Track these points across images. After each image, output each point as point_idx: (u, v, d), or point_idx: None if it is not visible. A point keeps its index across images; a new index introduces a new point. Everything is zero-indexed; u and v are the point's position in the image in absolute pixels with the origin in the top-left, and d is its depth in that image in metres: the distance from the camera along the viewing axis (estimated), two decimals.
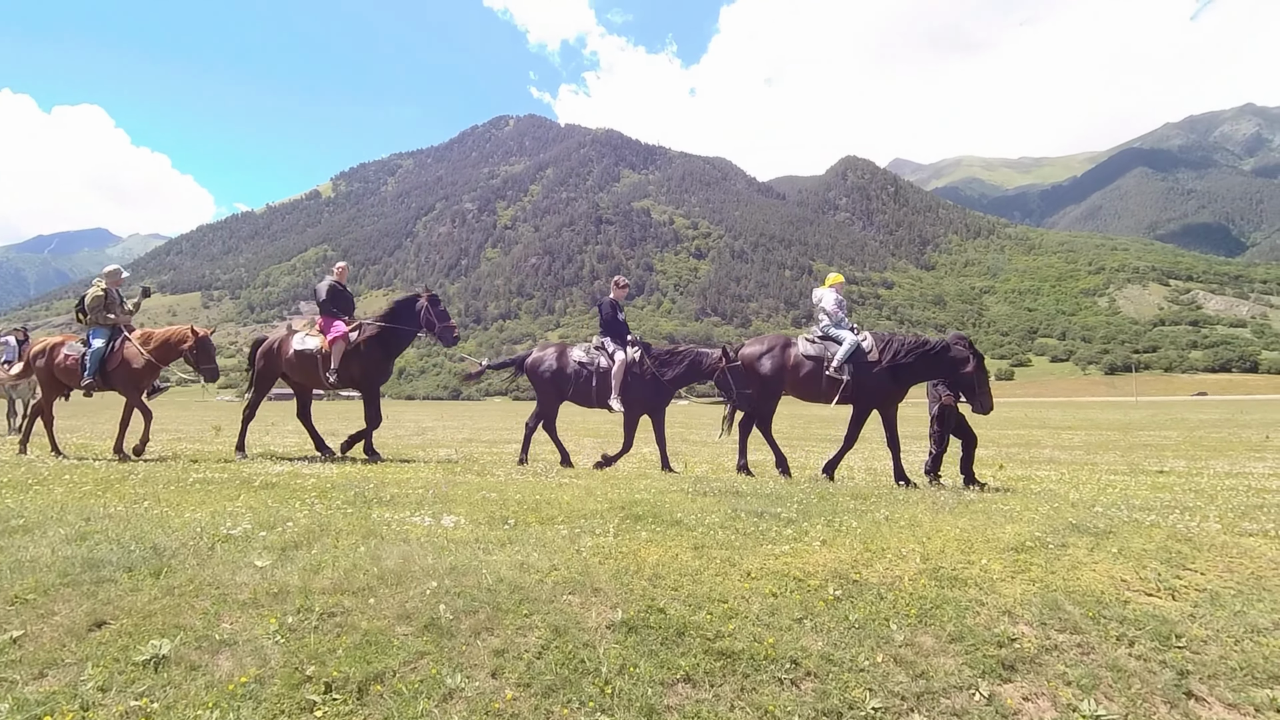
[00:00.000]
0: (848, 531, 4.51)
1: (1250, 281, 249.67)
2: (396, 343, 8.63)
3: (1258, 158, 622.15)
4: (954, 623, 3.22)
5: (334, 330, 8.52)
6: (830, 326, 8.22)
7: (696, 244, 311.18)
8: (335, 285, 8.94)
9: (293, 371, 8.79)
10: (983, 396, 7.65)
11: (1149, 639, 3.12)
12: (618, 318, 8.58)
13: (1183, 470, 10.98)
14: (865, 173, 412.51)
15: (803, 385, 8.13)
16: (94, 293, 8.60)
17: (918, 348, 7.67)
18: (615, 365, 8.20)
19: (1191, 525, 4.69)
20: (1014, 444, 19.83)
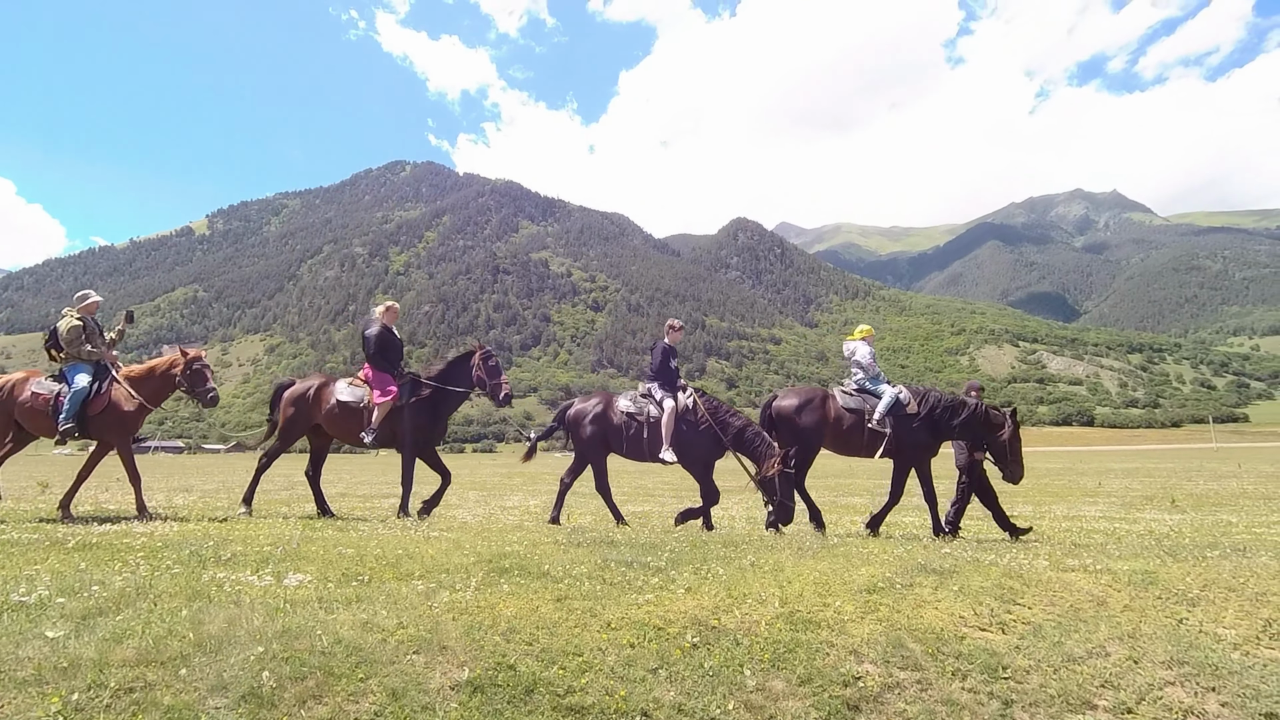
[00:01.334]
0: (713, 578, 4.53)
1: (1084, 344, 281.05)
2: (448, 403, 8.01)
3: (1087, 236, 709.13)
4: (804, 665, 3.27)
5: (385, 388, 7.75)
6: (866, 380, 8.21)
7: (594, 296, 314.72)
8: (385, 331, 8.09)
9: (331, 424, 7.94)
10: (1015, 465, 7.70)
11: (980, 672, 3.29)
12: (669, 364, 8.07)
13: (1028, 514, 11.92)
14: (755, 234, 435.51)
15: (844, 438, 8.00)
16: (69, 323, 7.47)
17: (956, 406, 7.75)
18: (665, 414, 7.67)
19: (1024, 563, 5.07)
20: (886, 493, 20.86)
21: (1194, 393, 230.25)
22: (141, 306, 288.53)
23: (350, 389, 7.90)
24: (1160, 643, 3.63)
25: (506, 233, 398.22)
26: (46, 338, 7.63)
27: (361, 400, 7.78)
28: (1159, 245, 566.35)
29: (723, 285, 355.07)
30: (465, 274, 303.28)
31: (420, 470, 8.10)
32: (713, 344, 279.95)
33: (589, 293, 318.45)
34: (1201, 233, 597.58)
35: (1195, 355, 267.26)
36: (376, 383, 7.82)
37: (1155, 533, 9.61)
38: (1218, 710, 3.16)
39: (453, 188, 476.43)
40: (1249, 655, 3.59)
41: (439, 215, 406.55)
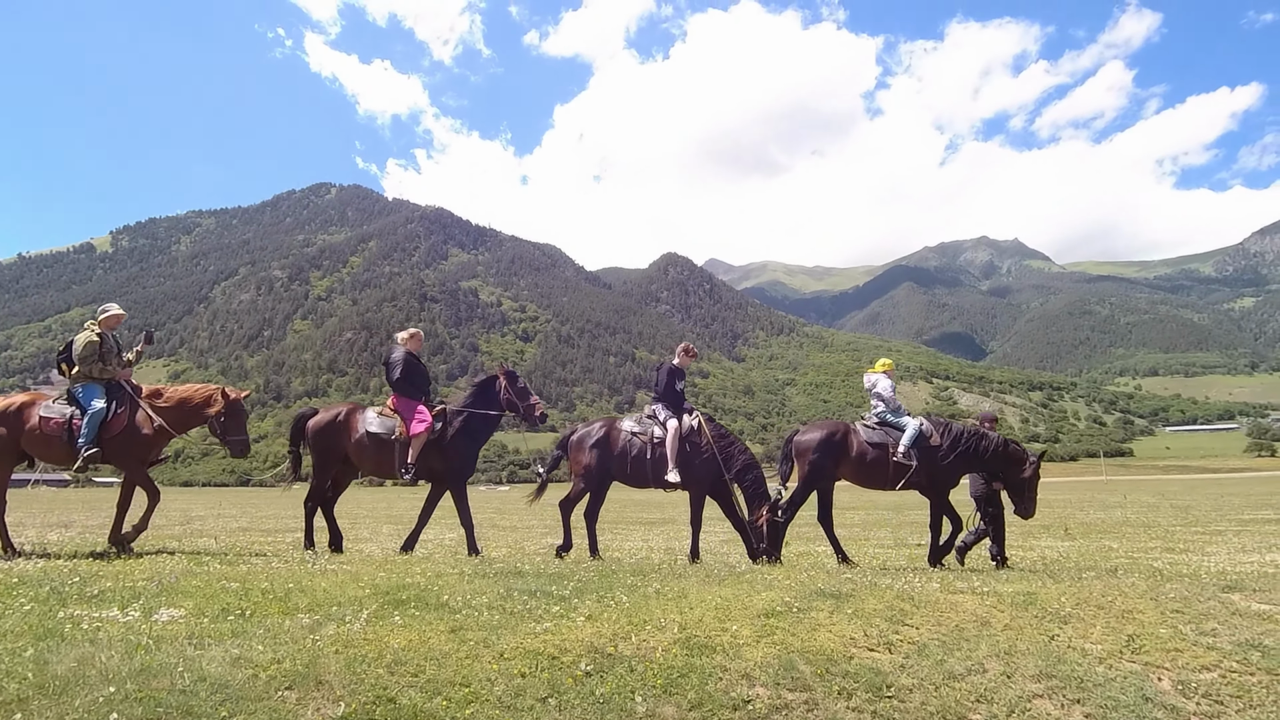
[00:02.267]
0: (616, 606, 4.50)
1: (991, 382, 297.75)
2: (482, 430, 7.55)
3: (991, 280, 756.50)
4: (697, 690, 3.27)
5: (419, 417, 7.21)
6: (887, 413, 8.22)
7: (524, 327, 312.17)
8: (411, 357, 7.64)
9: (360, 457, 7.39)
10: (1029, 502, 7.75)
11: (865, 691, 3.37)
12: (675, 386, 7.88)
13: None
14: (685, 269, 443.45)
15: (867, 472, 7.96)
16: (86, 338, 6.85)
17: (979, 439, 7.78)
18: (669, 434, 7.49)
19: (917, 586, 5.25)
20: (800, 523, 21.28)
21: (1088, 429, 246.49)
22: (29, 327, 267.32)
23: (381, 419, 7.36)
24: (1033, 658, 3.82)
25: (435, 260, 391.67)
26: (61, 351, 7.07)
27: (393, 432, 7.23)
28: (1056, 291, 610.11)
29: (653, 319, 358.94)
30: (391, 301, 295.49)
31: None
32: (642, 376, 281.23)
33: (519, 323, 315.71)
34: (1092, 280, 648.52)
35: (1088, 394, 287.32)
36: (407, 412, 7.30)
37: (1046, 558, 10.17)
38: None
39: (380, 212, 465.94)
40: (1112, 668, 3.82)
41: (365, 240, 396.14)
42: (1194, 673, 3.82)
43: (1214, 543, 13.17)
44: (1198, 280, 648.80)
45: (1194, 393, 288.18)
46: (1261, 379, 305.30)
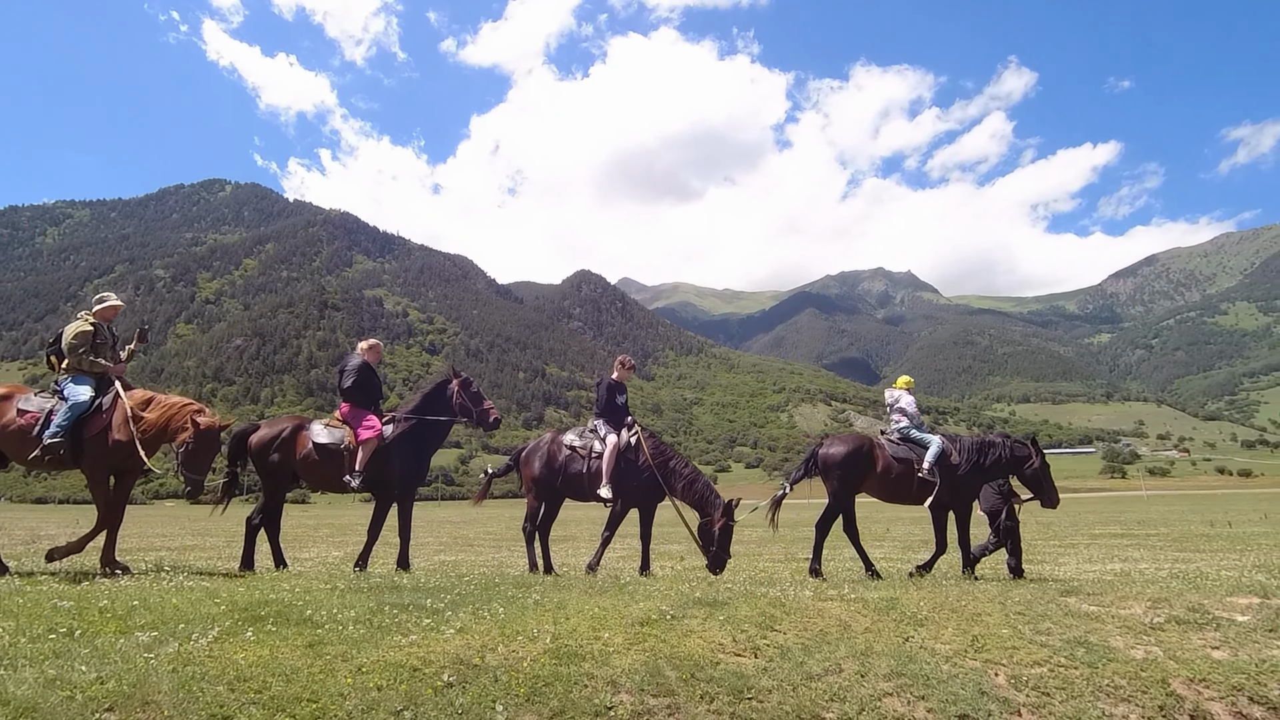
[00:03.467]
0: (490, 617, 4.41)
1: (883, 405, 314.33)
2: (433, 437, 7.29)
3: (886, 309, 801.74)
4: (560, 698, 3.25)
5: (367, 424, 6.94)
6: (910, 429, 8.31)
7: (431, 339, 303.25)
8: (366, 367, 7.39)
9: (308, 470, 7.04)
10: (1050, 492, 7.99)
11: (727, 694, 3.46)
12: (616, 401, 7.84)
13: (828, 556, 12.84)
14: (598, 287, 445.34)
15: (892, 487, 8.02)
16: (78, 327, 6.31)
17: (987, 448, 7.95)
18: (606, 449, 7.43)
19: (790, 594, 5.45)
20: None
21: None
22: None
23: (328, 430, 7.05)
24: (887, 658, 4.03)
25: (339, 266, 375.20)
26: (50, 342, 6.51)
27: (342, 442, 6.95)
28: (943, 321, 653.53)
29: (564, 335, 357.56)
30: (288, 307, 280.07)
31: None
32: (552, 393, 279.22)
33: (426, 334, 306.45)
34: (975, 313, 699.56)
35: (969, 418, 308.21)
36: (355, 421, 7.03)
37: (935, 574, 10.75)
38: (924, 715, 3.56)
39: (280, 214, 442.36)
40: (957, 666, 4.09)
41: (262, 242, 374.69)
42: (1027, 668, 4.15)
43: (1067, 554, 14.37)
44: (1064, 316, 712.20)
45: (1059, 419, 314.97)
46: (1115, 407, 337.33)
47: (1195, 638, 4.82)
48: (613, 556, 13.31)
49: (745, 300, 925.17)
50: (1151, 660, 4.34)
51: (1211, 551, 15.26)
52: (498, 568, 10.32)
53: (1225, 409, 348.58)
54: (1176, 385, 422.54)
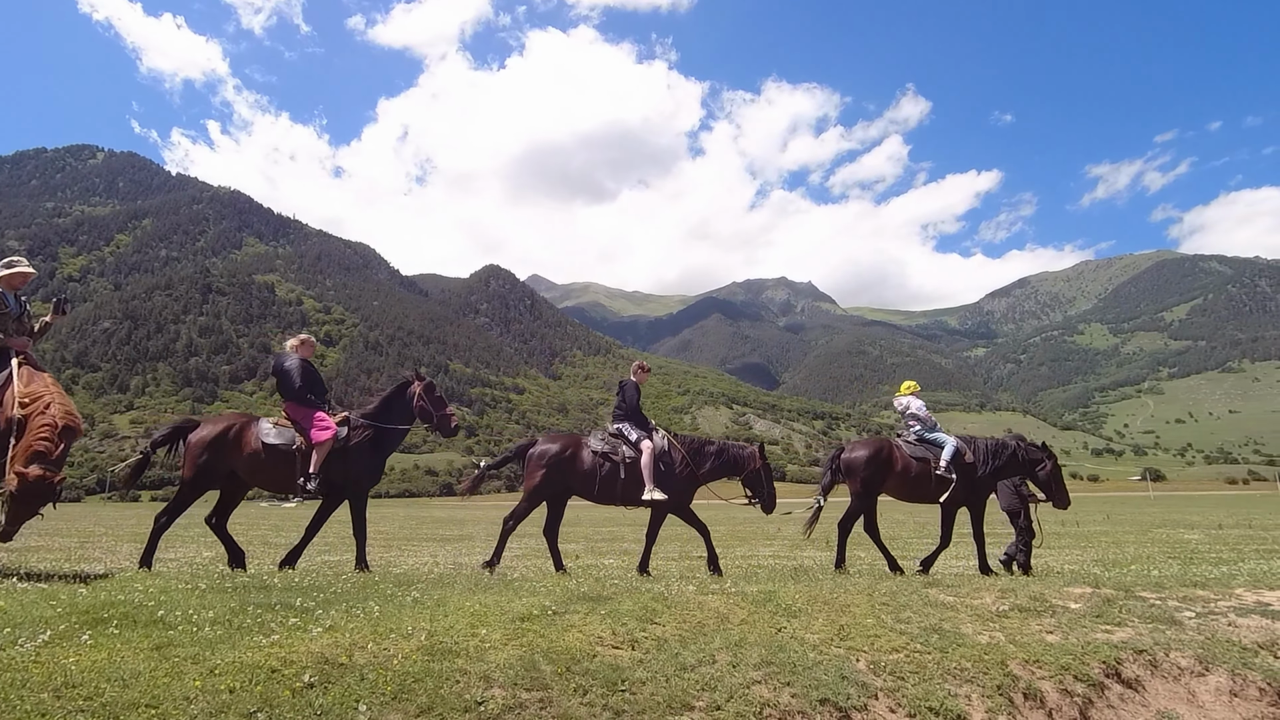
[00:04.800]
0: (364, 615, 4.26)
1: (782, 410, 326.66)
2: (390, 441, 7.14)
3: (788, 318, 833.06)
4: (430, 694, 3.18)
5: (320, 424, 6.73)
6: (924, 431, 8.70)
7: (327, 330, 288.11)
8: (306, 364, 7.13)
9: (253, 471, 6.74)
10: (1060, 493, 8.40)
11: (601, 686, 3.49)
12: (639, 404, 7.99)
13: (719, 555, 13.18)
14: (507, 283, 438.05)
15: (912, 486, 8.38)
16: None
17: (999, 449, 8.39)
18: (645, 455, 7.50)
19: (675, 589, 5.57)
20: (601, 538, 21.87)
21: None
22: None
23: (278, 430, 6.77)
24: (759, 648, 4.19)
25: (226, 248, 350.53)
26: None
27: (293, 443, 6.70)
28: (839, 331, 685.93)
29: (470, 331, 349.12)
30: (165, 289, 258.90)
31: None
32: (456, 390, 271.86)
33: (322, 325, 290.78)
34: (868, 324, 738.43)
35: (859, 424, 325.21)
36: (306, 421, 6.80)
37: (804, 566, 11.26)
38: (789, 700, 3.73)
39: (160, 188, 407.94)
40: (823, 654, 4.31)
41: (138, 217, 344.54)
42: (886, 654, 4.42)
43: (871, 550, 15.40)
44: (946, 330, 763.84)
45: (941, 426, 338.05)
46: (988, 416, 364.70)
47: (1034, 624, 5.29)
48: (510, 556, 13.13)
49: (654, 303, 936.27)
50: (994, 644, 4.74)
51: (1060, 548, 16.81)
52: (383, 565, 9.95)
53: (1079, 420, 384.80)
54: (1040, 397, 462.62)
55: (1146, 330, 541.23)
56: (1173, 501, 64.55)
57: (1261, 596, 6.33)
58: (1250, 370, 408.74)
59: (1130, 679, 4.67)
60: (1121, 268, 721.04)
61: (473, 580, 5.90)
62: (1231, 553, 14.16)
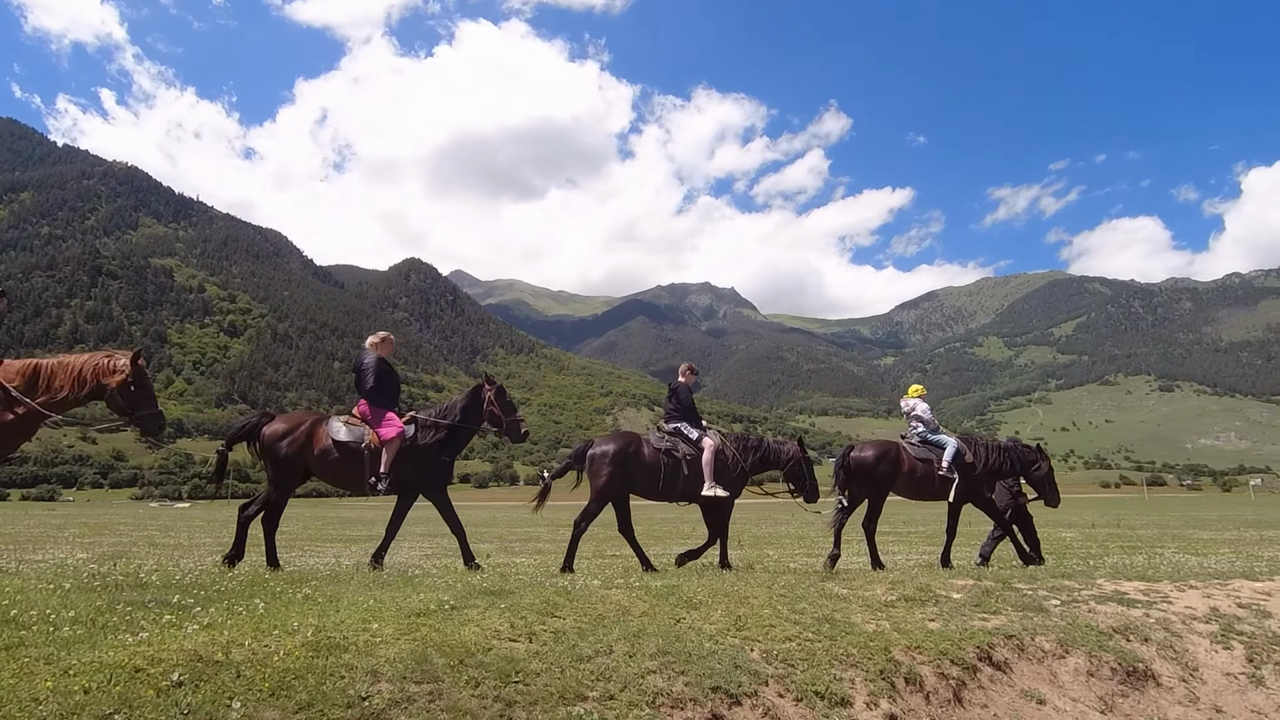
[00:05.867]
0: (248, 612, 4.06)
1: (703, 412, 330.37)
2: (459, 441, 7.31)
3: (710, 322, 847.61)
4: (310, 690, 3.07)
5: (389, 423, 6.83)
6: (927, 432, 9.14)
7: (231, 319, 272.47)
8: (382, 363, 7.22)
9: (323, 469, 6.81)
10: (1053, 493, 9.18)
11: (494, 678, 3.46)
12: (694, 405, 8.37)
13: (627, 553, 13.27)
14: (428, 277, 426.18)
15: (917, 485, 8.83)
16: None
17: (998, 450, 9.07)
18: (707, 452, 7.82)
19: (580, 583, 5.59)
20: (516, 538, 21.61)
21: None
22: None
23: (349, 428, 6.82)
24: (656, 639, 4.26)
25: (120, 228, 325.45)
26: None
27: (363, 440, 6.75)
28: (759, 337, 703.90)
29: (387, 325, 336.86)
30: (48, 270, 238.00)
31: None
32: None
33: (225, 314, 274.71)
34: (786, 331, 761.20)
35: (775, 427, 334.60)
36: (376, 420, 6.88)
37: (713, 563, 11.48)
38: (682, 688, 3.80)
39: (44, 159, 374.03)
40: (719, 643, 4.42)
41: (16, 189, 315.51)
42: (779, 642, 4.58)
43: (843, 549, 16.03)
44: (859, 339, 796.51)
45: (851, 431, 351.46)
46: (894, 423, 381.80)
47: (918, 613, 5.61)
48: (418, 555, 12.82)
49: (579, 304, 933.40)
50: (880, 632, 4.99)
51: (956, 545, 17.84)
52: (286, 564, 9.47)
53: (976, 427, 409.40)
54: (942, 405, 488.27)
55: (1038, 344, 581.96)
56: None
57: (1120, 586, 6.93)
58: (1124, 384, 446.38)
59: (1000, 661, 5.01)
60: (1017, 285, 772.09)
61: (371, 577, 5.73)
62: (1099, 549, 15.40)
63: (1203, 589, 6.85)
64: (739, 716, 3.76)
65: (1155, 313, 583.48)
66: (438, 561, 10.92)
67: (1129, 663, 5.24)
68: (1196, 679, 5.37)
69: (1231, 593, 6.81)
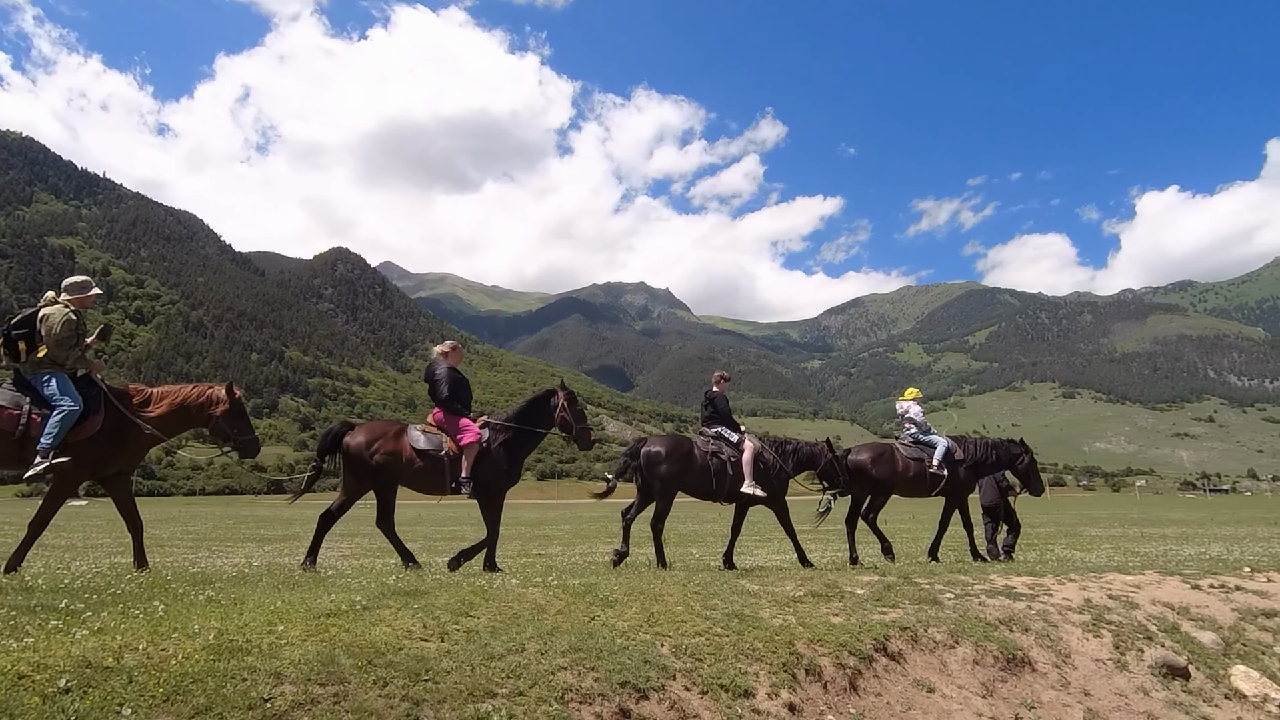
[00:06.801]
0: (145, 616, 3.93)
1: (635, 411, 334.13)
2: (526, 445, 7.63)
3: (645, 322, 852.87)
4: (209, 694, 3.01)
5: (466, 429, 7.22)
6: (919, 433, 9.86)
7: (139, 305, 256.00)
8: (455, 372, 7.58)
9: (408, 475, 7.13)
10: (1036, 482, 10.00)
11: (403, 677, 3.47)
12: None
13: (556, 553, 13.32)
14: (356, 267, 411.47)
15: (911, 483, 9.52)
16: (64, 314, 5.73)
17: (985, 446, 9.84)
18: (746, 454, 8.38)
19: (497, 582, 5.62)
20: (441, 537, 21.25)
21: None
22: None
23: (427, 437, 7.19)
24: (569, 636, 4.35)
25: (12, 203, 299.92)
26: (16, 324, 5.74)
27: (441, 448, 7.12)
28: (692, 338, 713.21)
29: (311, 316, 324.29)
30: None
31: None
32: (290, 379, 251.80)
33: (132, 300, 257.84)
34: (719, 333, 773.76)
35: None
36: (453, 427, 7.24)
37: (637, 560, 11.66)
38: (592, 684, 3.90)
39: None
40: (630, 640, 4.55)
41: None
42: (689, 638, 4.74)
43: (762, 547, 16.55)
44: (788, 343, 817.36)
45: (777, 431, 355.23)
46: (819, 424, 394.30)
47: (824, 608, 5.90)
48: (334, 556, 12.48)
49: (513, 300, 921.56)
50: (786, 626, 5.23)
51: (867, 543, 18.65)
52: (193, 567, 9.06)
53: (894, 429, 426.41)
54: (865, 407, 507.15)
55: (954, 351, 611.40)
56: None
57: (1009, 581, 7.45)
58: (1029, 390, 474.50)
59: (895, 652, 5.34)
60: (937, 294, 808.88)
61: (281, 578, 5.59)
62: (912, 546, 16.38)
63: (1080, 582, 7.44)
64: (646, 710, 3.89)
65: (1060, 324, 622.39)
66: (354, 562, 10.69)
67: (1010, 651, 5.66)
68: (1069, 665, 5.85)
69: (1105, 585, 7.43)
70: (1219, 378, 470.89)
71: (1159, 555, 11.58)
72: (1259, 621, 6.80)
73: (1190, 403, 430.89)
